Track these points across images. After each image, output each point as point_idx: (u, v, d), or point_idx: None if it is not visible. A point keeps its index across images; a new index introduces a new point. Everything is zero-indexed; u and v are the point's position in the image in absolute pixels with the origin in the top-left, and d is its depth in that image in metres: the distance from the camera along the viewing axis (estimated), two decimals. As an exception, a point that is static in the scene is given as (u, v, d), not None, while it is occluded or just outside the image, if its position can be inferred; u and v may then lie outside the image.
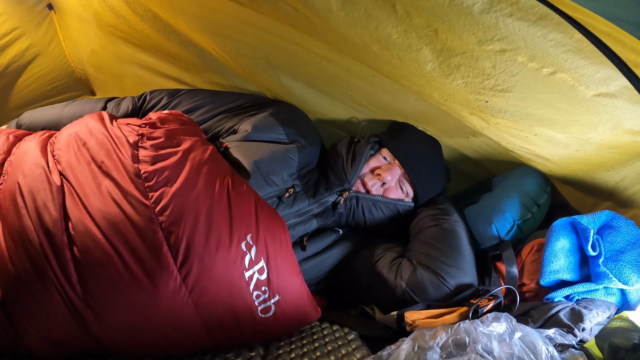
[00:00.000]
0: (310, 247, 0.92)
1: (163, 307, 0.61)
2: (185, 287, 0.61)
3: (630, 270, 0.76)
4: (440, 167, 1.05)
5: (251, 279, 0.65)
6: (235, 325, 0.66)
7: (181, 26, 1.04)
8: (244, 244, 0.65)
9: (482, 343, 0.59)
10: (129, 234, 0.61)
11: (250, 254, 0.65)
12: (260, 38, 0.94)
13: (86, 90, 1.55)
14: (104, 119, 0.78)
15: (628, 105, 0.67)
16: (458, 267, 0.85)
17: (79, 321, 0.61)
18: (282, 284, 0.69)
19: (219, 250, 0.63)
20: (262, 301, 0.66)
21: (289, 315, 0.70)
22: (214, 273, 0.62)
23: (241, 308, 0.64)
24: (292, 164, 0.92)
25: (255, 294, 0.65)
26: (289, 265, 0.71)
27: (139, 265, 0.60)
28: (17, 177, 0.66)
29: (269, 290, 0.67)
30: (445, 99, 0.82)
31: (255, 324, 0.67)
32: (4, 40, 1.19)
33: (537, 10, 0.57)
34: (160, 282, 0.60)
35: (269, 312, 0.67)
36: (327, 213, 0.96)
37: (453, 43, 0.67)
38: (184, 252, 0.61)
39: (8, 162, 0.72)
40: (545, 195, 1.00)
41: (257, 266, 0.66)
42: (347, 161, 0.98)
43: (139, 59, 1.24)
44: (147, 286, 0.60)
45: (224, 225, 0.65)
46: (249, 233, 0.66)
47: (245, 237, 0.66)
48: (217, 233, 0.64)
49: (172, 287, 0.61)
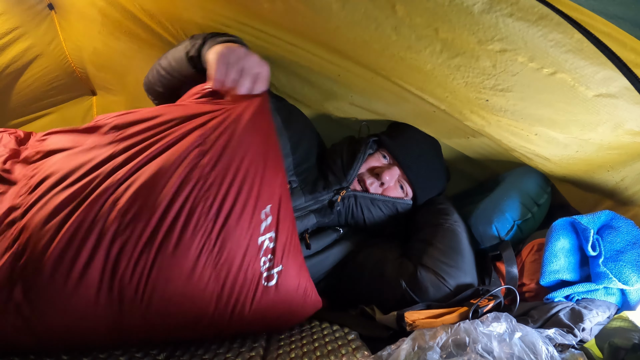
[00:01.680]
0: (312, 245, 0.92)
1: (187, 262, 0.63)
2: (209, 243, 0.65)
3: (630, 270, 0.76)
4: (439, 168, 1.05)
5: (262, 244, 0.69)
6: (243, 291, 0.68)
7: (183, 25, 1.04)
8: (263, 212, 0.70)
9: (482, 343, 0.59)
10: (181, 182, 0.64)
11: (265, 222, 0.70)
12: (259, 39, 0.94)
13: (86, 89, 1.55)
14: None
15: (628, 105, 0.67)
16: (458, 267, 0.85)
17: (105, 293, 0.61)
18: (285, 257, 0.72)
19: (244, 214, 0.68)
20: (267, 268, 0.70)
21: (290, 291, 0.73)
22: (236, 233, 0.67)
23: (251, 271, 0.68)
24: (286, 159, 0.92)
25: (263, 260, 0.69)
26: (293, 245, 0.75)
27: (177, 221, 0.63)
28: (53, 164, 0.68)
29: (274, 259, 0.71)
30: (447, 96, 0.82)
31: (258, 293, 0.69)
32: (4, 40, 1.19)
33: (537, 10, 0.57)
34: (189, 236, 0.64)
35: (272, 281, 0.70)
36: (325, 211, 0.96)
37: (453, 43, 0.67)
38: (217, 210, 0.65)
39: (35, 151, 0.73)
40: (545, 195, 1.00)
41: (269, 234, 0.70)
42: (346, 160, 0.98)
43: (144, 54, 1.24)
44: (176, 240, 0.63)
45: (254, 190, 0.70)
46: (269, 204, 0.71)
47: (265, 206, 0.71)
48: (246, 196, 0.68)
49: (198, 242, 0.64)
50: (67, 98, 1.53)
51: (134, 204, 0.62)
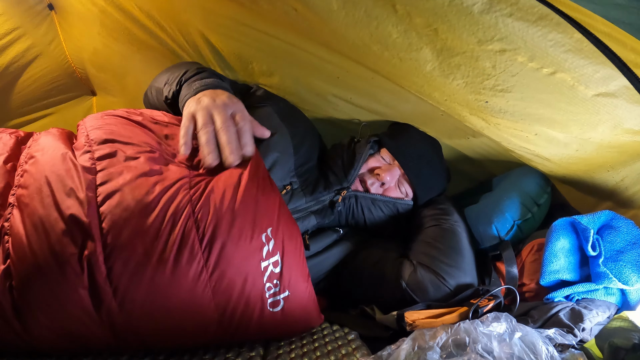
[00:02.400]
0: (311, 246, 0.92)
1: (184, 289, 0.62)
2: (207, 270, 0.63)
3: (630, 270, 0.76)
4: (440, 168, 1.05)
5: (266, 269, 0.67)
6: (245, 316, 0.67)
7: (183, 27, 1.04)
8: (264, 235, 0.68)
9: (482, 343, 0.59)
10: (164, 214, 0.63)
11: (268, 246, 0.68)
12: (260, 40, 0.94)
13: (86, 89, 1.55)
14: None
15: (628, 104, 0.67)
16: (458, 267, 0.85)
17: (98, 305, 0.61)
18: (293, 281, 0.70)
19: (241, 239, 0.66)
20: (273, 294, 0.68)
21: (295, 314, 0.71)
22: (235, 259, 0.65)
23: (253, 297, 0.66)
24: (289, 160, 0.92)
25: (267, 285, 0.67)
26: (300, 266, 0.73)
27: (167, 245, 0.62)
28: (44, 167, 0.68)
29: (280, 284, 0.68)
30: (445, 99, 0.82)
31: (263, 318, 0.68)
32: (4, 40, 1.19)
33: (536, 10, 0.57)
34: (185, 263, 0.62)
35: (278, 307, 0.68)
36: (325, 211, 0.96)
37: (453, 43, 0.67)
38: (210, 237, 0.64)
39: (25, 155, 0.72)
40: (545, 195, 1.00)
41: (273, 259, 0.68)
42: (347, 161, 0.98)
43: (142, 56, 1.24)
44: (172, 265, 0.62)
45: (249, 215, 0.68)
46: (269, 227, 0.69)
47: (266, 229, 0.69)
48: (242, 222, 0.66)
49: (194, 270, 0.63)
50: (67, 98, 1.53)
51: (120, 234, 0.61)
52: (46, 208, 0.63)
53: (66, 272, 0.60)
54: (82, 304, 0.61)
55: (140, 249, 0.61)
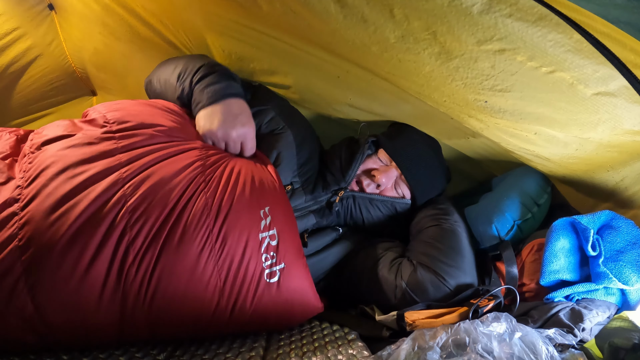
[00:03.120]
0: (310, 245, 0.92)
1: (191, 254, 0.67)
2: (212, 236, 0.69)
3: (630, 270, 0.76)
4: (438, 168, 1.05)
5: (263, 240, 0.74)
6: (245, 284, 0.70)
7: (183, 27, 1.04)
8: (262, 211, 0.75)
9: (482, 343, 0.59)
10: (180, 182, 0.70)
11: (265, 221, 0.75)
12: (260, 41, 0.94)
13: (87, 89, 1.55)
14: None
15: (627, 104, 0.67)
16: (458, 267, 0.85)
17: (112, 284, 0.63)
18: (289, 257, 0.76)
19: (243, 211, 0.73)
20: (269, 265, 0.73)
21: (291, 290, 0.75)
22: (237, 229, 0.71)
23: (252, 265, 0.71)
24: (292, 160, 0.92)
25: (265, 256, 0.73)
26: (295, 246, 0.78)
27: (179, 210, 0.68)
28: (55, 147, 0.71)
29: (276, 257, 0.74)
30: (445, 100, 0.82)
31: (260, 288, 0.71)
32: (4, 40, 1.20)
33: (536, 10, 0.57)
34: (194, 229, 0.68)
35: (274, 277, 0.73)
36: (324, 211, 0.96)
37: (452, 45, 0.67)
38: (218, 205, 0.71)
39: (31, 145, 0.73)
40: (545, 195, 1.00)
41: (270, 232, 0.75)
42: (344, 161, 0.98)
43: (143, 55, 1.24)
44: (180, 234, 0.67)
45: (251, 194, 0.76)
46: (267, 205, 0.77)
47: (264, 207, 0.76)
48: (244, 197, 0.75)
49: (202, 235, 0.68)
50: (67, 98, 1.53)
51: (144, 202, 0.66)
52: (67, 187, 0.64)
53: (83, 254, 0.61)
54: (94, 288, 0.62)
55: (155, 223, 0.66)
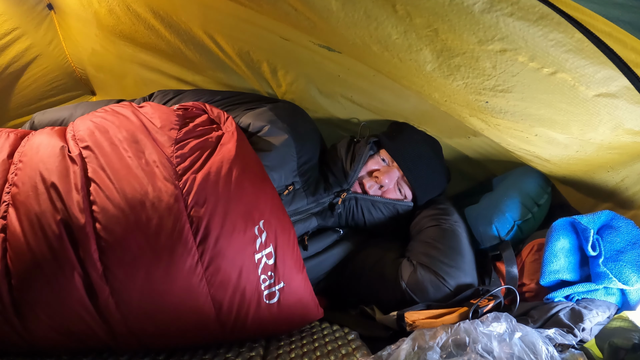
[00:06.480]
0: (311, 246, 0.92)
1: (179, 284, 0.63)
2: (202, 264, 0.64)
3: (630, 270, 0.76)
4: (439, 168, 1.05)
5: (260, 261, 0.69)
6: (242, 310, 0.67)
7: (182, 25, 1.04)
8: (256, 228, 0.69)
9: (482, 343, 0.59)
10: (156, 210, 0.64)
11: (260, 239, 0.69)
12: (261, 38, 0.94)
13: (86, 90, 1.55)
14: (132, 104, 0.84)
15: (628, 105, 0.67)
16: (458, 267, 0.85)
17: (96, 303, 0.61)
18: (288, 273, 0.71)
19: (234, 232, 0.67)
20: (268, 286, 0.69)
21: (291, 306, 0.72)
22: (229, 252, 0.66)
23: (249, 290, 0.67)
24: (291, 160, 0.92)
25: (262, 277, 0.68)
26: (294, 259, 0.74)
27: (161, 240, 0.63)
28: (37, 164, 0.68)
29: (274, 276, 0.70)
30: (445, 100, 0.82)
31: (260, 311, 0.68)
32: (4, 40, 1.19)
33: (537, 9, 0.57)
34: (179, 258, 0.63)
35: (274, 298, 0.69)
36: (326, 213, 0.96)
37: (453, 43, 0.67)
38: (204, 232, 0.65)
39: (19, 154, 0.73)
40: (545, 196, 1.00)
41: (266, 251, 0.70)
42: (346, 162, 0.98)
43: (139, 58, 1.24)
44: (166, 261, 0.62)
45: (241, 208, 0.69)
46: (261, 219, 0.71)
47: (258, 222, 0.70)
48: (234, 216, 0.68)
49: (189, 264, 0.63)
50: (67, 98, 1.53)
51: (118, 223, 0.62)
52: (42, 205, 0.63)
53: (64, 269, 0.60)
54: (80, 302, 0.61)
55: (134, 245, 0.62)
